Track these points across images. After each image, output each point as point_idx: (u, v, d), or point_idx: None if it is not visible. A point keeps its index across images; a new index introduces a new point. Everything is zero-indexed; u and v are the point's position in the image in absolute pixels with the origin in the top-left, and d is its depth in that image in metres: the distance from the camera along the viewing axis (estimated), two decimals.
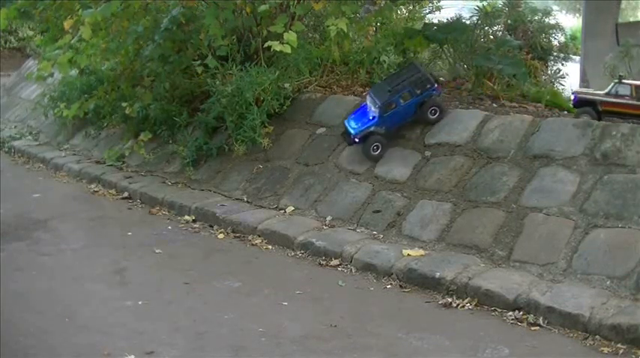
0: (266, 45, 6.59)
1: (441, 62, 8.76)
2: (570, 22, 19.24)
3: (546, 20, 9.90)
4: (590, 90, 6.66)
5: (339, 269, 5.22)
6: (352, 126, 6.23)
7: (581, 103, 6.21)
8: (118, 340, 4.03)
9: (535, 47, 9.29)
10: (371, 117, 6.14)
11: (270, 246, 5.74)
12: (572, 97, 6.41)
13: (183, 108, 7.80)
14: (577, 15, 21.39)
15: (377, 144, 6.12)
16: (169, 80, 7.95)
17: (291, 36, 6.40)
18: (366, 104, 6.32)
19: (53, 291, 4.79)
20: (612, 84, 6.24)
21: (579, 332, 4.08)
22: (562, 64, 9.80)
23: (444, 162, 5.86)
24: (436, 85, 6.21)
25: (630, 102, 6.02)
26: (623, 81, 6.21)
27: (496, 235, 5.10)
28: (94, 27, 7.09)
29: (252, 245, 5.79)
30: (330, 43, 7.52)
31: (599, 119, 6.05)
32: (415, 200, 5.73)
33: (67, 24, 7.24)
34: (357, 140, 6.16)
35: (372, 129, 6.10)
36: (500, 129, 5.84)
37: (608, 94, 6.14)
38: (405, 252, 5.15)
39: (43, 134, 10.18)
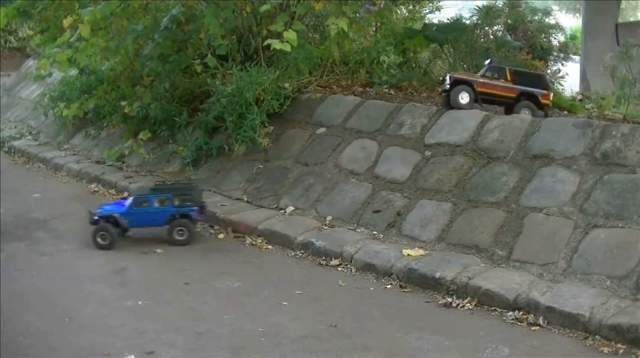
0: (266, 43, 6.60)
1: (441, 62, 8.78)
2: (570, 22, 19.25)
3: (546, 20, 9.92)
4: (466, 73, 6.70)
5: (339, 269, 5.22)
6: (104, 207, 5.88)
7: (458, 82, 6.28)
8: (118, 340, 4.03)
9: (535, 47, 9.30)
10: (125, 206, 5.83)
11: (270, 246, 5.74)
12: (447, 78, 6.35)
13: (183, 108, 7.80)
14: (577, 15, 21.41)
15: (105, 233, 5.62)
16: (169, 80, 7.96)
17: (290, 35, 6.41)
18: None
19: (53, 291, 4.79)
20: (486, 67, 6.38)
21: (579, 332, 4.08)
22: (562, 64, 9.82)
23: (444, 162, 5.86)
24: (197, 210, 5.80)
25: (505, 85, 6.19)
26: (497, 64, 6.37)
27: (496, 235, 5.10)
28: (93, 26, 7.09)
29: (252, 245, 5.79)
30: (330, 43, 7.52)
31: (477, 100, 6.26)
32: (415, 200, 5.72)
33: (65, 22, 7.25)
34: (95, 219, 5.69)
35: (114, 214, 5.70)
36: (500, 129, 5.83)
37: (484, 76, 6.27)
38: (405, 251, 5.15)
39: (43, 134, 10.19)
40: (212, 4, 7.33)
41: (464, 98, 6.22)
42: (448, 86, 6.30)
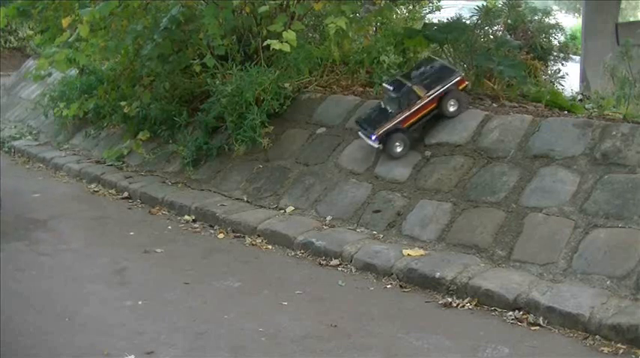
0: (265, 43, 6.60)
1: None
2: (570, 22, 19.25)
3: (546, 20, 9.89)
4: (384, 118, 6.08)
5: (339, 269, 5.22)
6: None
7: (385, 135, 5.94)
8: (118, 340, 4.03)
9: (535, 47, 9.28)
10: None
11: (270, 246, 5.74)
12: (372, 138, 5.93)
13: (183, 108, 7.79)
14: (577, 15, 21.43)
15: None
16: (169, 80, 7.95)
17: (290, 35, 6.41)
18: None
19: (53, 291, 4.79)
20: (397, 97, 5.97)
21: (579, 332, 4.08)
22: (562, 64, 9.80)
23: (444, 162, 5.86)
24: None
25: (423, 102, 5.99)
26: (402, 88, 6.02)
27: (496, 235, 5.10)
28: (93, 26, 7.10)
29: (252, 245, 5.79)
30: (330, 43, 7.52)
31: (409, 140, 5.99)
32: (415, 200, 5.72)
33: (64, 22, 7.26)
34: None
35: None
36: (500, 129, 5.84)
37: (401, 110, 5.97)
38: (405, 251, 5.15)
39: (43, 134, 10.18)
40: (211, 4, 7.33)
41: (399, 145, 6.01)
42: (379, 146, 6.01)
